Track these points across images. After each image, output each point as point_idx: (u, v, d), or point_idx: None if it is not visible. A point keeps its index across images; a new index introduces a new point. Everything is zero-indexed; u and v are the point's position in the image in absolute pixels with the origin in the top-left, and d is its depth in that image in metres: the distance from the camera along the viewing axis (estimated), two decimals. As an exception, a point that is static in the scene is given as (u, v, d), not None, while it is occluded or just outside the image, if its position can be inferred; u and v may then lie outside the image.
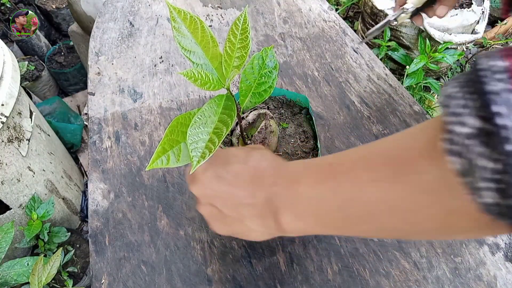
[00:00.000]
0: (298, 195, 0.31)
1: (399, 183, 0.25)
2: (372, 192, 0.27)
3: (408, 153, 0.25)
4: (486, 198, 0.20)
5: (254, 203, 0.34)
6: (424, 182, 0.24)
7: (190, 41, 0.35)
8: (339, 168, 0.30)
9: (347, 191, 0.28)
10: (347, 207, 0.29)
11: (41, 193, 1.11)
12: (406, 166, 0.25)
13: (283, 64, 0.82)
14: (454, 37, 1.47)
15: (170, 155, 0.35)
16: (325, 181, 0.30)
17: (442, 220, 0.24)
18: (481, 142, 0.19)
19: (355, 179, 0.28)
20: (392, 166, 0.26)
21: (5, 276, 0.87)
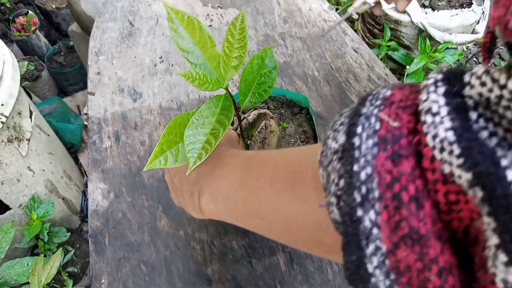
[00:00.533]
0: (218, 178, 0.34)
1: (287, 189, 0.27)
2: (267, 192, 0.29)
3: (301, 163, 0.27)
4: (332, 214, 0.20)
5: (190, 179, 0.37)
6: (303, 191, 0.25)
7: (188, 41, 0.35)
8: (253, 163, 0.32)
9: (252, 185, 0.30)
10: (248, 200, 0.30)
11: (41, 193, 1.11)
12: (296, 175, 0.27)
13: (283, 64, 0.81)
14: (454, 37, 1.47)
15: (168, 155, 0.35)
16: (239, 171, 0.33)
17: (312, 232, 0.25)
18: (339, 158, 0.20)
19: (259, 176, 0.30)
20: (288, 172, 0.28)
21: (5, 276, 0.87)
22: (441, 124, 0.16)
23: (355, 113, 0.20)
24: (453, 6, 1.54)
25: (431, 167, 0.16)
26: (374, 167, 0.17)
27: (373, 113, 0.19)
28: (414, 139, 0.17)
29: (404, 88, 0.20)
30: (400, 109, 0.18)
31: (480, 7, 1.54)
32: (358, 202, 0.18)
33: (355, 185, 0.18)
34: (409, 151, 0.17)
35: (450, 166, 0.15)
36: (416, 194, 0.16)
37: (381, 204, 0.17)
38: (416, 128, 0.17)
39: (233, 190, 0.32)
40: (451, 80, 0.17)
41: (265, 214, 0.29)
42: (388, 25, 1.55)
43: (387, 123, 0.18)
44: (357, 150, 0.18)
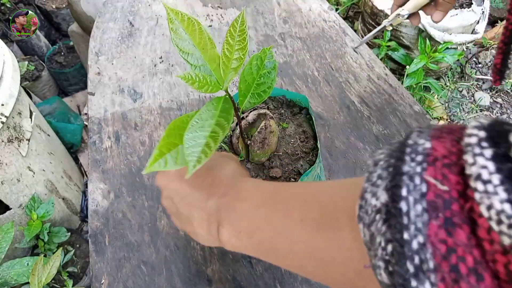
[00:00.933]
0: (240, 213, 0.33)
1: (322, 232, 0.26)
2: (298, 233, 0.28)
3: (336, 206, 0.26)
4: (380, 277, 0.20)
5: (204, 207, 0.35)
6: (342, 239, 0.24)
7: (188, 43, 0.35)
8: (278, 199, 0.31)
9: (279, 224, 0.29)
10: (275, 238, 0.30)
11: (41, 193, 1.12)
12: (331, 218, 0.26)
13: (283, 64, 0.82)
14: (454, 37, 1.47)
15: (168, 158, 0.35)
16: (264, 207, 0.31)
17: (353, 279, 0.25)
18: (383, 220, 0.19)
19: (287, 215, 0.29)
20: (321, 214, 0.27)
21: (5, 276, 0.87)
22: (495, 196, 0.15)
23: (395, 171, 0.19)
24: (453, 6, 1.54)
25: (488, 238, 0.15)
26: (427, 236, 0.17)
27: (416, 172, 0.18)
28: (466, 206, 0.16)
29: (444, 138, 0.19)
30: (445, 167, 0.17)
31: (480, 7, 1.54)
32: (411, 273, 0.17)
33: (407, 255, 0.17)
34: (463, 219, 0.16)
35: (510, 239, 0.15)
36: (474, 265, 0.15)
37: (437, 276, 0.16)
38: (466, 192, 0.17)
39: (257, 228, 0.31)
40: (496, 139, 0.16)
41: (296, 256, 0.28)
42: (388, 25, 1.55)
43: (434, 186, 0.17)
44: (405, 217, 0.17)
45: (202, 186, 0.36)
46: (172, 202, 0.38)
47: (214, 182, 0.36)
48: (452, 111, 1.81)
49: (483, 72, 1.97)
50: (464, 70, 1.92)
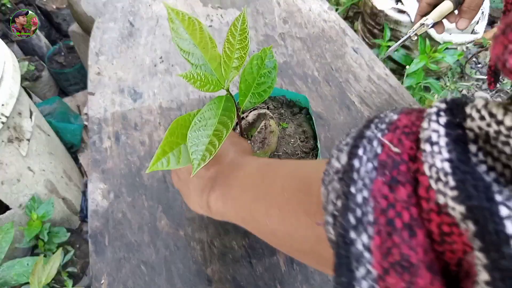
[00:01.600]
0: (233, 178, 0.36)
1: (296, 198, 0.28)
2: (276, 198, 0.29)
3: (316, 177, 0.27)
4: (329, 233, 0.20)
5: (203, 176, 0.39)
6: (311, 205, 0.26)
7: (189, 42, 0.35)
8: (269, 169, 0.33)
9: (262, 190, 0.32)
10: (257, 203, 0.32)
11: (41, 193, 1.11)
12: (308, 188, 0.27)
13: (283, 64, 0.82)
14: (454, 37, 1.47)
15: (170, 157, 0.35)
16: (254, 174, 0.34)
17: (314, 246, 0.26)
18: (339, 178, 0.20)
19: (272, 182, 0.31)
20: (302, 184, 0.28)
21: (5, 276, 0.87)
22: (438, 154, 0.16)
23: (359, 135, 0.20)
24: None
25: (426, 196, 0.16)
26: (371, 191, 0.17)
27: (376, 136, 0.19)
28: (413, 167, 0.17)
29: (412, 114, 0.20)
30: (403, 134, 0.18)
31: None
32: (352, 224, 0.18)
33: (351, 207, 0.18)
34: (407, 178, 0.17)
35: (444, 197, 0.15)
36: (410, 222, 0.16)
37: (374, 229, 0.17)
38: (416, 155, 0.17)
39: (244, 191, 0.34)
40: (454, 111, 0.17)
41: (270, 220, 0.30)
42: (388, 25, 1.56)
43: (388, 148, 0.18)
44: (355, 172, 0.18)
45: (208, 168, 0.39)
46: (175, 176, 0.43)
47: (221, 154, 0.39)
48: (452, 111, 1.81)
49: (483, 72, 1.97)
50: (464, 70, 1.92)
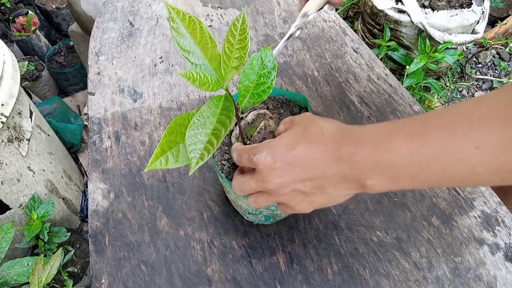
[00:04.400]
0: (390, 163, 0.31)
1: (506, 149, 0.26)
2: (478, 157, 0.27)
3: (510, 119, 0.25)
4: None
5: (333, 173, 0.34)
6: None
7: (189, 41, 0.35)
8: (435, 134, 0.29)
9: (449, 158, 0.28)
10: (448, 171, 0.29)
11: (41, 193, 1.12)
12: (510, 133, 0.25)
13: (283, 64, 0.82)
14: (454, 37, 1.47)
15: (169, 156, 0.35)
16: (421, 147, 0.30)
17: None
18: None
19: (457, 146, 0.28)
20: (497, 131, 0.26)
21: (5, 276, 0.87)
22: None
23: None
24: (453, 6, 1.54)
25: None
26: None
27: None
28: None
29: None
30: None
31: (479, 7, 1.54)
32: None
33: None
34: None
35: None
36: None
37: None
38: None
39: (421, 168, 0.30)
40: None
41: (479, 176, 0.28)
42: (388, 25, 1.56)
43: None
44: None
45: (314, 159, 0.35)
46: (295, 192, 0.37)
47: (325, 149, 0.34)
48: (452, 111, 1.81)
49: (483, 72, 1.97)
50: (464, 70, 1.92)
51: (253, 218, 0.55)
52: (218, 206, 0.59)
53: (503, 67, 1.93)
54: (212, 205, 0.59)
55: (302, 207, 0.39)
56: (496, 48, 2.00)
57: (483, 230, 0.57)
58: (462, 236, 0.56)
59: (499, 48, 1.99)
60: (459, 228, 0.57)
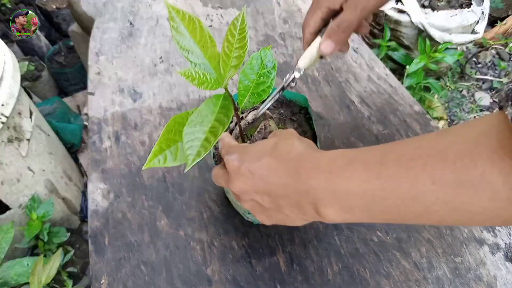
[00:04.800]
0: (343, 192, 0.30)
1: (463, 189, 0.24)
2: (434, 193, 0.26)
3: (470, 156, 0.24)
4: None
5: (289, 194, 0.34)
6: (493, 191, 0.23)
7: (189, 40, 0.35)
8: (391, 166, 0.28)
9: (405, 192, 0.27)
10: (403, 205, 0.28)
11: (41, 193, 1.11)
12: (470, 171, 0.24)
13: (283, 64, 0.82)
14: (454, 37, 1.47)
15: (167, 154, 0.35)
16: (377, 179, 0.29)
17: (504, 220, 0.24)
18: None
19: (414, 180, 0.27)
20: (454, 169, 0.25)
21: (5, 276, 0.87)
22: None
23: None
24: (453, 6, 1.54)
25: None
26: None
27: None
28: None
29: None
30: None
31: (479, 8, 1.54)
32: None
33: None
34: None
35: None
36: None
37: None
38: None
39: (374, 200, 0.29)
40: None
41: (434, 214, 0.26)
42: (388, 25, 1.56)
43: None
44: None
45: (276, 176, 0.34)
46: (254, 202, 0.37)
47: (286, 168, 0.34)
48: (452, 111, 1.81)
49: (483, 72, 1.97)
50: (464, 70, 1.92)
51: (253, 218, 0.55)
52: (218, 206, 0.59)
53: (503, 67, 1.93)
54: (212, 205, 0.59)
55: (262, 219, 0.39)
56: (496, 48, 2.00)
57: (483, 230, 0.57)
58: (462, 236, 0.56)
59: (499, 48, 1.99)
60: (459, 228, 0.57)
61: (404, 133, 0.68)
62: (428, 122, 0.70)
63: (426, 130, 0.68)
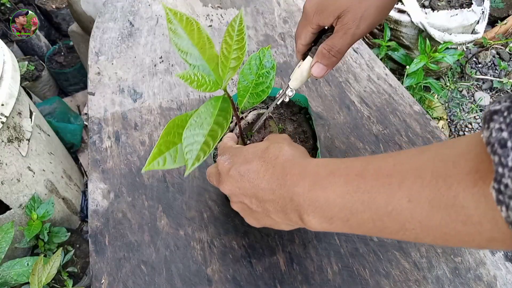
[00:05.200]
0: (324, 201, 0.31)
1: (437, 210, 0.24)
2: (409, 211, 0.26)
3: (445, 178, 0.24)
4: None
5: (275, 199, 0.34)
6: (465, 215, 0.23)
7: (187, 42, 0.35)
8: (370, 180, 0.28)
9: (381, 207, 0.27)
10: (380, 221, 0.28)
11: (41, 193, 1.12)
12: (445, 193, 0.24)
13: (283, 64, 0.82)
14: (454, 37, 1.47)
15: (167, 156, 0.36)
16: (356, 192, 0.29)
17: (478, 244, 0.24)
18: None
19: (390, 196, 0.27)
20: (429, 188, 0.25)
21: (5, 276, 0.87)
22: None
23: None
24: (453, 6, 1.54)
25: None
26: None
27: None
28: None
29: None
30: None
31: (480, 7, 1.54)
32: None
33: None
34: None
35: None
36: None
37: None
38: None
39: (353, 213, 0.29)
40: None
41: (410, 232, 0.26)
42: (388, 25, 1.56)
43: None
44: None
45: (263, 180, 0.35)
46: (243, 204, 0.38)
47: (274, 173, 0.35)
48: (452, 111, 1.81)
49: (483, 72, 1.97)
50: (464, 70, 1.92)
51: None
52: (218, 206, 0.59)
53: (503, 67, 1.93)
54: (212, 205, 0.59)
55: (250, 221, 0.39)
56: (496, 48, 2.00)
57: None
58: (462, 236, 0.56)
59: (499, 48, 1.99)
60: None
61: (404, 133, 0.68)
62: (428, 122, 0.70)
63: (426, 130, 0.68)
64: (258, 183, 0.35)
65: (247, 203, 0.37)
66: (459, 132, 1.76)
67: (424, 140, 0.67)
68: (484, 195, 0.21)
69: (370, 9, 0.39)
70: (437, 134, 0.68)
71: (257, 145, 0.38)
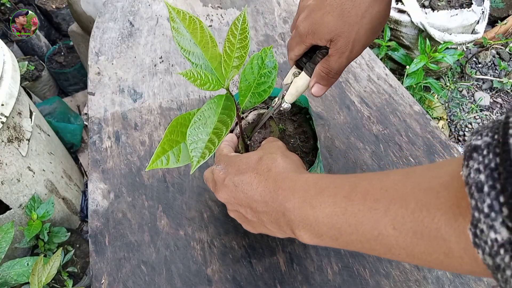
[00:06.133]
0: (314, 220, 0.31)
1: (421, 239, 0.25)
2: (394, 238, 0.26)
3: (428, 209, 0.24)
4: None
5: (269, 211, 0.35)
6: (448, 248, 0.23)
7: (189, 41, 0.35)
8: (357, 204, 0.29)
9: (367, 231, 0.28)
10: (367, 243, 0.29)
11: (41, 193, 1.12)
12: (428, 224, 0.24)
13: (283, 64, 0.82)
14: (454, 37, 1.47)
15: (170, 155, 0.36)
16: (344, 214, 0.29)
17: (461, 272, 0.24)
18: None
19: (376, 222, 0.27)
20: (413, 218, 0.25)
21: (5, 276, 0.87)
22: None
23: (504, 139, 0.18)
24: (453, 6, 1.54)
25: None
26: None
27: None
28: None
29: None
30: None
31: (480, 7, 1.54)
32: None
33: None
34: None
35: None
36: None
37: None
38: None
39: (341, 233, 0.30)
40: None
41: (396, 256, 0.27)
42: (388, 25, 1.56)
43: None
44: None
45: (257, 192, 0.35)
46: (239, 213, 0.39)
47: (266, 186, 0.35)
48: (452, 111, 1.81)
49: (483, 72, 1.97)
50: (464, 70, 1.92)
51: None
52: (218, 206, 0.59)
53: (503, 67, 1.93)
54: (212, 205, 0.59)
55: (247, 228, 0.40)
56: (496, 48, 2.00)
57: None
58: (462, 236, 0.56)
59: (499, 48, 1.99)
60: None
61: (404, 133, 0.68)
62: (428, 122, 0.70)
63: (426, 130, 0.68)
64: (252, 194, 0.36)
65: (243, 213, 0.38)
66: (459, 132, 1.76)
67: (424, 140, 0.67)
68: (464, 232, 0.22)
69: (361, 32, 0.40)
70: (437, 134, 0.68)
71: (251, 155, 0.38)
